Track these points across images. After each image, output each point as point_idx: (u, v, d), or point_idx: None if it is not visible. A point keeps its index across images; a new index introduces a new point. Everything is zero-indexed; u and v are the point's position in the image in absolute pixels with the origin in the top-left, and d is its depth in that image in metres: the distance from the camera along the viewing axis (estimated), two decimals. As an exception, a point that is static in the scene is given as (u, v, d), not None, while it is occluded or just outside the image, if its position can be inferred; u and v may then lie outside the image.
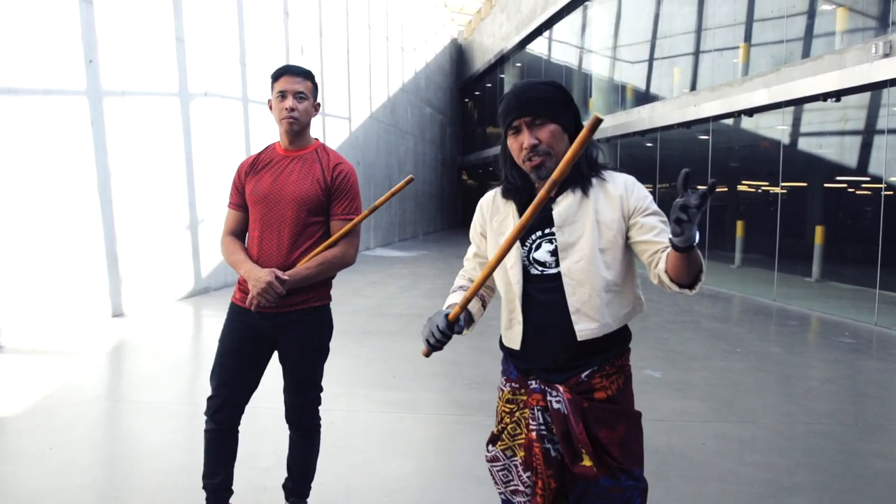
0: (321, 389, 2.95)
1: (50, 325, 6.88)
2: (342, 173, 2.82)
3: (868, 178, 9.44)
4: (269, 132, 11.88)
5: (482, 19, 32.50)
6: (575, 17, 20.33)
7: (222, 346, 2.81)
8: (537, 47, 24.58)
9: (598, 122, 1.53)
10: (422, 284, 11.74)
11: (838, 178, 10.51)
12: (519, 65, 26.71)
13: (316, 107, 2.85)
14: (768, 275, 10.93)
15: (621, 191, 1.92)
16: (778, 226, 10.68)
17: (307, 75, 2.79)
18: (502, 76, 28.66)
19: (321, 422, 2.99)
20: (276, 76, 2.77)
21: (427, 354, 1.91)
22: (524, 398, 1.97)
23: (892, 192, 8.57)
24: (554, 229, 1.92)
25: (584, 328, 1.87)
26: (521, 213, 1.99)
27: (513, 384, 2.01)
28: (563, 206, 1.92)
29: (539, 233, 1.95)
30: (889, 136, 8.60)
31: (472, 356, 6.21)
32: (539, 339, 1.93)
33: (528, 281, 1.96)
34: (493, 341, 2.25)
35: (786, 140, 10.76)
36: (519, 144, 1.92)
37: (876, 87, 8.30)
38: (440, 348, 1.88)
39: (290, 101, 2.72)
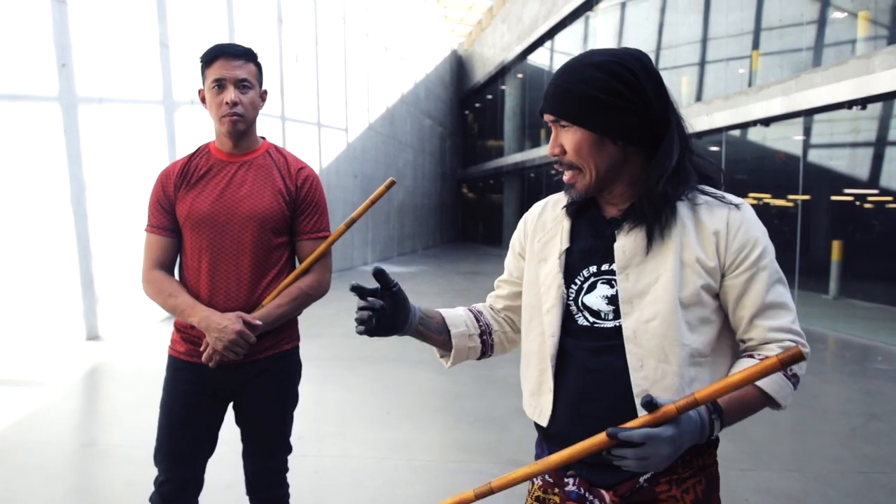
0: (290, 449, 2.37)
1: (17, 350, 6.31)
2: (309, 180, 2.25)
3: (889, 191, 8.91)
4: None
5: (483, 30, 32.11)
6: (577, 27, 19.91)
7: (168, 415, 2.21)
8: (539, 58, 24.15)
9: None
10: (421, 303, 11.11)
11: (856, 190, 10.00)
12: (520, 76, 26.27)
13: (263, 96, 2.26)
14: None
15: (720, 225, 1.34)
16: (798, 240, 10.14)
17: (249, 56, 2.19)
18: (503, 87, 28.20)
19: (290, 490, 2.41)
20: (209, 60, 2.15)
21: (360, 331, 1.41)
22: (556, 501, 1.41)
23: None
24: (615, 267, 1.36)
25: None
26: (580, 236, 1.44)
27: (546, 478, 1.44)
28: (630, 240, 1.35)
29: (594, 268, 1.39)
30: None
31: (476, 387, 5.63)
32: (578, 420, 1.37)
33: (569, 333, 1.39)
34: (499, 370, 1.71)
35: (805, 150, 10.25)
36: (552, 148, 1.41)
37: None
38: (368, 323, 1.39)
39: (231, 93, 2.12)
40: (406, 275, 16.14)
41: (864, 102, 8.37)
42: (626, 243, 1.35)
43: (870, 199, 9.92)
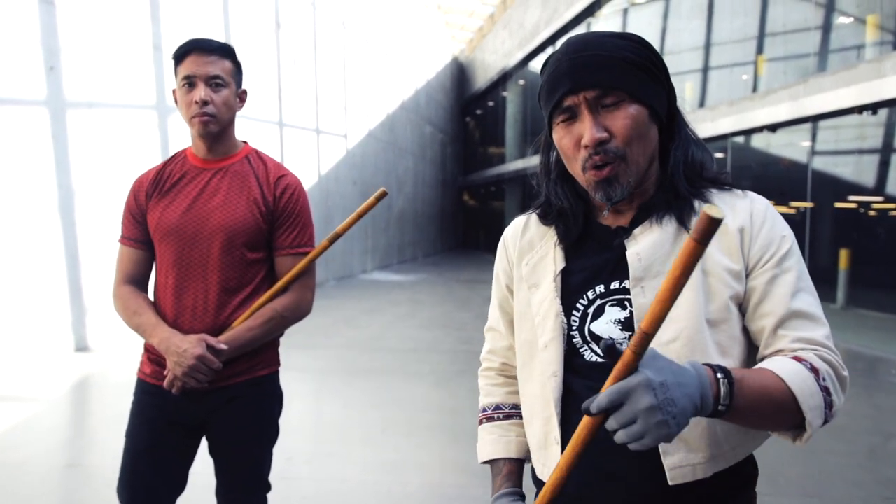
0: (269, 488, 2.13)
1: (2, 362, 6.10)
2: (289, 189, 2.02)
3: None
4: (260, 149, 11.16)
5: (484, 36, 31.98)
6: (578, 32, 19.75)
7: (133, 443, 1.99)
8: (540, 65, 23.94)
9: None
10: (420, 313, 10.93)
11: (863, 197, 9.78)
12: (522, 82, 26.12)
13: (241, 96, 2.06)
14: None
15: (744, 221, 1.12)
16: (807, 248, 9.93)
17: (225, 51, 1.99)
18: (504, 94, 28.05)
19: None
20: (180, 56, 1.95)
21: None
22: None
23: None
24: (629, 283, 1.12)
25: (680, 463, 1.07)
26: (580, 252, 1.20)
27: None
28: (646, 244, 1.12)
29: (600, 288, 1.15)
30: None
31: (474, 402, 5.38)
32: (595, 479, 1.13)
33: (575, 371, 1.16)
34: None
35: (811, 157, 10.04)
36: (574, 139, 1.12)
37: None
38: None
39: (201, 91, 1.91)
40: (406, 283, 15.93)
41: (874, 107, 8.17)
42: (642, 249, 1.12)
43: (878, 206, 9.71)
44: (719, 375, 0.95)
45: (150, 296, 2.05)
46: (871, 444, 4.63)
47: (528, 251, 1.28)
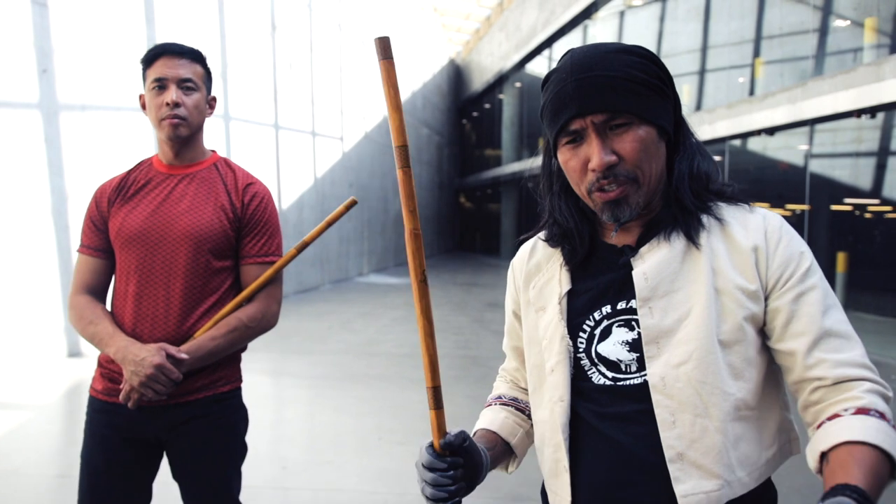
0: None
1: (-11, 369, 6.03)
2: (257, 197, 1.98)
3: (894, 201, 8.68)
4: (255, 153, 11.11)
5: (480, 39, 31.94)
6: (575, 35, 19.73)
7: (90, 464, 1.91)
8: (537, 67, 23.97)
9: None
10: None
11: (861, 200, 9.76)
12: (518, 84, 26.10)
13: (211, 102, 2.01)
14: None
15: (757, 239, 1.08)
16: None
17: (195, 56, 1.95)
18: (501, 97, 28.02)
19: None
20: (150, 59, 1.91)
21: None
22: None
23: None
24: (636, 303, 1.08)
25: (693, 491, 1.01)
26: (586, 273, 1.16)
27: None
28: (654, 261, 1.08)
29: (608, 308, 1.11)
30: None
31: (472, 409, 5.33)
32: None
33: (582, 395, 1.11)
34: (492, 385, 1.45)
35: (808, 160, 10.02)
36: (581, 162, 1.08)
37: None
38: (447, 500, 1.04)
39: (172, 93, 1.86)
40: (402, 286, 15.87)
41: (872, 111, 8.14)
42: (648, 268, 1.08)
43: (875, 209, 9.69)
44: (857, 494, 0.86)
45: (108, 306, 1.98)
46: (872, 452, 4.58)
47: (535, 274, 1.23)
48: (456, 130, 36.04)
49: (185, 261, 1.86)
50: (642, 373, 1.07)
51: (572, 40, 20.07)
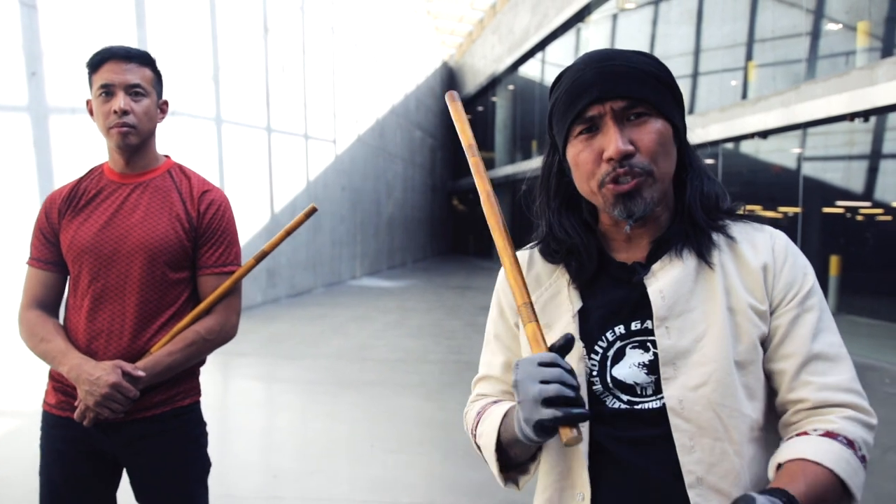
0: None
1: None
2: (214, 205, 1.91)
3: (886, 204, 8.67)
4: (247, 156, 11.05)
5: (473, 41, 31.94)
6: (569, 38, 19.75)
7: (49, 481, 1.86)
8: (530, 70, 23.98)
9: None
10: (410, 320, 10.82)
11: (853, 203, 9.76)
12: (511, 87, 26.10)
13: (163, 107, 1.94)
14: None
15: (766, 258, 1.07)
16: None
17: (144, 59, 1.87)
18: (494, 99, 28.03)
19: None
20: (96, 64, 1.82)
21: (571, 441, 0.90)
22: None
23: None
24: (651, 323, 1.05)
25: None
26: (595, 290, 1.11)
27: None
28: (669, 279, 1.05)
29: (621, 329, 1.07)
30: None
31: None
32: None
33: (599, 421, 1.06)
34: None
35: (801, 163, 10.02)
36: (594, 153, 1.03)
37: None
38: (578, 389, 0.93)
39: (120, 100, 1.78)
40: (395, 289, 15.82)
41: (865, 115, 8.14)
42: (664, 286, 1.05)
43: (867, 212, 9.69)
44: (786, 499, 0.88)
45: (61, 321, 1.91)
46: (869, 458, 4.55)
47: (536, 288, 1.17)
48: (449, 133, 36.00)
49: (139, 274, 1.80)
50: (658, 395, 1.04)
51: (565, 43, 20.08)
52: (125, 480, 1.94)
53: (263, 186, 11.99)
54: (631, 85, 1.02)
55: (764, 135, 10.06)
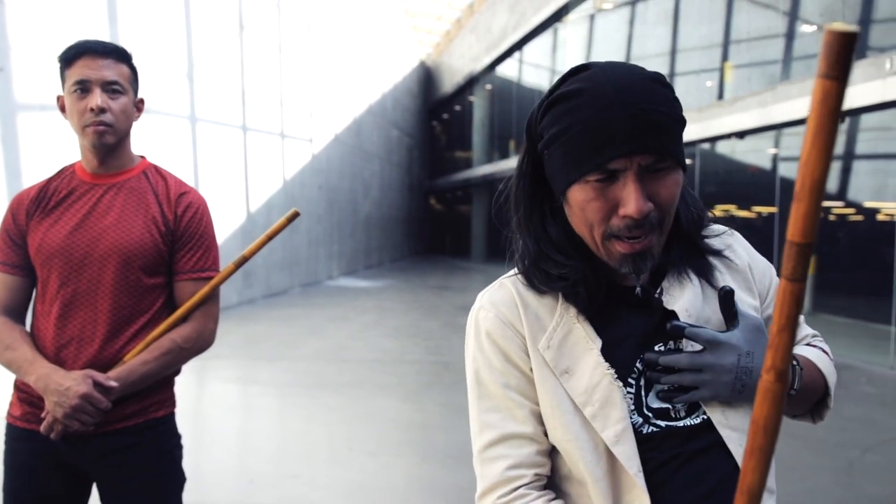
0: None
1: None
2: (192, 207, 1.83)
3: (858, 203, 8.75)
4: (223, 155, 10.90)
5: (451, 41, 31.88)
6: (546, 38, 19.76)
7: (14, 499, 1.76)
8: (508, 69, 23.97)
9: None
10: (388, 321, 10.74)
11: (827, 203, 9.85)
12: (489, 87, 26.07)
13: (139, 105, 1.85)
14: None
15: (744, 257, 1.13)
16: (774, 253, 9.96)
17: (121, 55, 1.78)
18: (471, 99, 27.98)
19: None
20: (70, 58, 1.73)
21: None
22: None
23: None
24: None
25: None
26: (608, 320, 1.02)
27: None
28: (687, 297, 1.02)
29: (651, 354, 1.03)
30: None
31: (445, 417, 5.24)
32: None
33: (643, 447, 1.00)
34: (466, 395, 1.12)
35: (776, 163, 10.09)
36: (608, 205, 0.93)
37: (890, 107, 7.57)
38: None
39: (97, 97, 1.69)
40: (373, 289, 15.72)
41: (841, 116, 8.18)
42: (688, 304, 1.02)
43: (840, 212, 9.77)
44: (794, 362, 1.02)
45: (28, 327, 1.82)
46: (849, 458, 4.56)
47: (541, 330, 1.03)
48: (426, 132, 35.96)
49: (112, 279, 1.71)
50: (693, 414, 1.00)
51: (542, 43, 20.10)
52: (95, 496, 1.85)
53: (239, 186, 11.84)
54: (662, 139, 0.91)
55: (741, 135, 10.11)
